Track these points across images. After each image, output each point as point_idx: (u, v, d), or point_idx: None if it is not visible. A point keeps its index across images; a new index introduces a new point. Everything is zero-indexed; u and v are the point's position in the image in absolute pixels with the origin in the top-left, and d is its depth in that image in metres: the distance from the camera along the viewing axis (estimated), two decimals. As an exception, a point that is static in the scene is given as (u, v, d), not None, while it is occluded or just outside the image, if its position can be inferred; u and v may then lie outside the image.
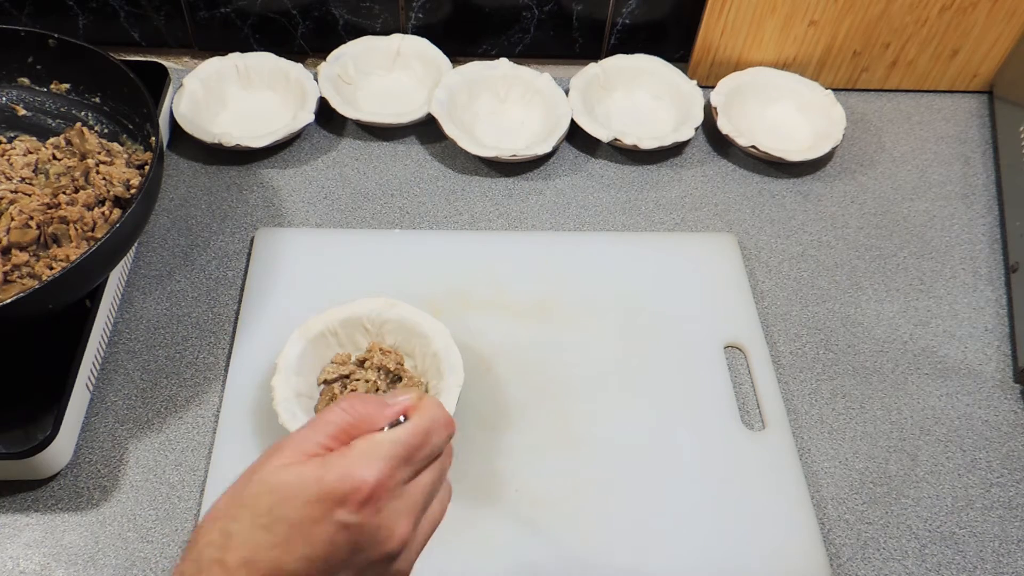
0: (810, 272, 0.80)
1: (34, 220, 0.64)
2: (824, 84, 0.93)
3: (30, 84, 0.75)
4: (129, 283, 0.75)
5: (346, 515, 0.39)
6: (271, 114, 0.88)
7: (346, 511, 0.39)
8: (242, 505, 0.40)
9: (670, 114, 0.91)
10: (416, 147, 0.88)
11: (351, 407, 0.43)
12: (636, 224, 0.83)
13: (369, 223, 0.81)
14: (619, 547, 0.61)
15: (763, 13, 0.89)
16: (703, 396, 0.69)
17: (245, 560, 0.39)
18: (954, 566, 0.63)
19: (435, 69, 0.91)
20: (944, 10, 0.89)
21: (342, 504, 0.39)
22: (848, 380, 0.72)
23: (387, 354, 0.66)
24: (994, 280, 0.81)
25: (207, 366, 0.70)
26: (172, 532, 0.61)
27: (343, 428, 0.42)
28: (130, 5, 0.90)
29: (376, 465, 0.40)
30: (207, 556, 0.39)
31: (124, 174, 0.69)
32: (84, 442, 0.65)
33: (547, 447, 0.65)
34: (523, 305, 0.73)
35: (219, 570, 0.39)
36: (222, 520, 0.40)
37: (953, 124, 0.95)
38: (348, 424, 0.43)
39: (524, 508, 0.62)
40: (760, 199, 0.86)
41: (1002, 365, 0.74)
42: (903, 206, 0.86)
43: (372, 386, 0.64)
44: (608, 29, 0.94)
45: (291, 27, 0.93)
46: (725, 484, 0.64)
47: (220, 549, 0.39)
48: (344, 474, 0.40)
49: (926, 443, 0.69)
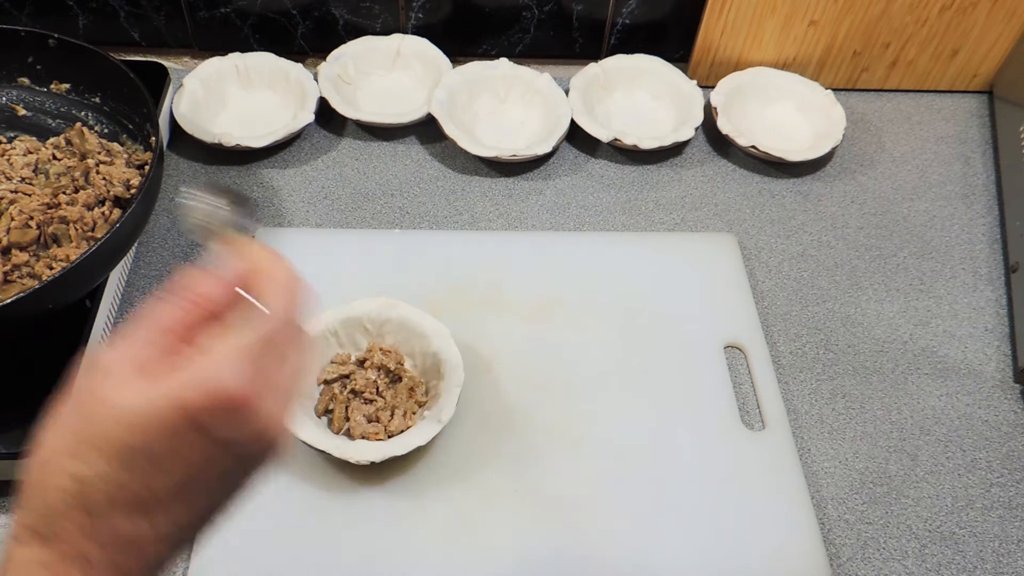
0: (810, 272, 0.80)
1: (34, 220, 0.64)
2: (824, 84, 0.93)
3: (30, 84, 0.75)
4: (129, 283, 0.75)
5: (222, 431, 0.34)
6: (271, 114, 0.88)
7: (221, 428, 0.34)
8: (88, 444, 0.34)
9: (670, 114, 0.91)
10: (416, 147, 0.88)
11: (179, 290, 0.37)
12: (636, 224, 0.83)
13: (369, 223, 0.81)
14: (619, 547, 0.61)
15: (763, 13, 0.89)
16: (703, 396, 0.69)
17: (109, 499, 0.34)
18: (954, 566, 0.63)
19: (435, 69, 0.91)
20: (944, 10, 0.89)
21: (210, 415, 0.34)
22: (848, 380, 0.72)
23: (387, 354, 0.66)
24: (994, 280, 0.80)
25: (207, 366, 0.70)
26: (172, 532, 0.61)
27: (173, 318, 0.36)
28: (130, 5, 0.90)
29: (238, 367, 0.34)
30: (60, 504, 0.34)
31: (124, 174, 0.69)
32: (84, 442, 0.65)
33: (547, 447, 0.65)
34: (523, 305, 0.73)
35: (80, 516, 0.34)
36: (67, 462, 0.34)
37: (953, 124, 0.95)
38: (178, 320, 0.36)
39: (524, 508, 0.62)
40: (760, 199, 0.86)
41: (1002, 365, 0.74)
42: (903, 206, 0.86)
43: (372, 385, 0.64)
44: (608, 29, 0.94)
45: (291, 27, 0.93)
46: (725, 484, 0.64)
47: (76, 496, 0.34)
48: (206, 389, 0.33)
49: (926, 443, 0.69)
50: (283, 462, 0.38)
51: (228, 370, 0.34)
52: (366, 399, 0.64)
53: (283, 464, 0.50)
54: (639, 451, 0.66)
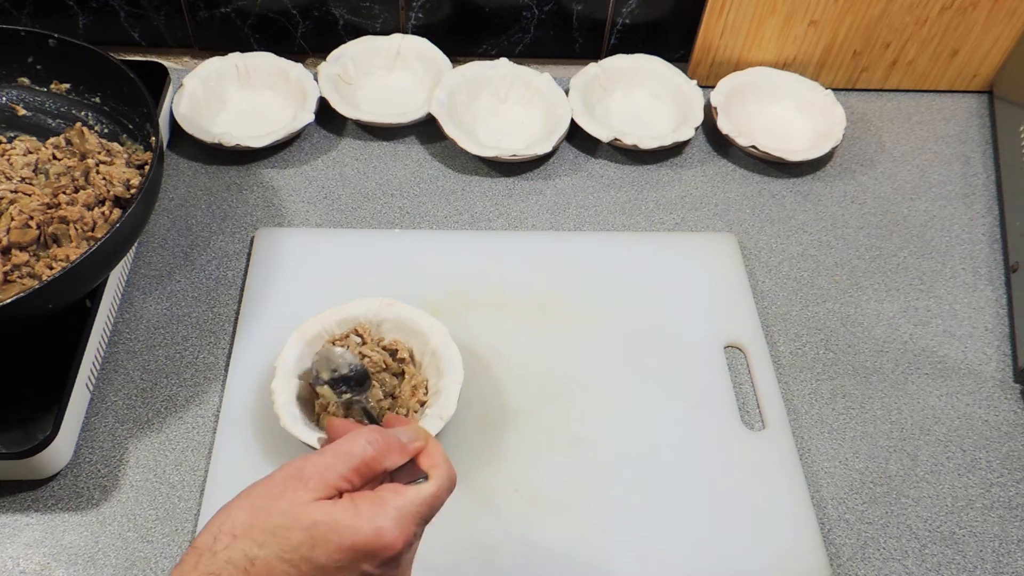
0: (810, 272, 0.80)
1: (34, 220, 0.64)
2: (824, 84, 0.93)
3: (30, 84, 0.75)
4: (129, 283, 0.75)
5: (371, 567, 0.41)
6: (271, 114, 0.88)
7: (372, 564, 0.41)
8: (270, 533, 0.41)
9: (670, 114, 0.91)
10: (416, 147, 0.88)
11: (373, 438, 0.44)
12: (636, 224, 0.83)
13: (369, 223, 0.81)
14: (619, 547, 0.61)
15: (763, 13, 0.89)
16: (703, 396, 0.69)
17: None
18: (954, 566, 0.63)
19: (435, 69, 0.91)
20: (944, 10, 0.89)
21: (371, 558, 0.41)
22: (848, 380, 0.72)
23: (386, 350, 0.66)
24: (994, 280, 0.80)
25: (207, 366, 0.70)
26: (172, 532, 0.61)
27: (365, 462, 0.44)
28: (130, 5, 0.90)
29: (405, 525, 0.42)
30: (227, 575, 0.40)
31: (124, 174, 0.69)
32: (84, 442, 0.65)
33: (547, 447, 0.65)
34: (523, 305, 0.73)
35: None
36: (245, 541, 0.41)
37: (953, 124, 0.95)
38: (370, 459, 0.44)
39: (524, 508, 0.62)
40: (760, 199, 0.86)
41: (1002, 365, 0.74)
42: (903, 206, 0.86)
43: (378, 365, 0.64)
44: (608, 29, 0.94)
45: (291, 27, 0.93)
46: (725, 484, 0.64)
47: (243, 572, 0.40)
48: (377, 529, 0.41)
49: (926, 443, 0.69)
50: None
51: (395, 523, 0.42)
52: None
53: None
54: (639, 451, 0.66)
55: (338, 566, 0.41)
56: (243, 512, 0.42)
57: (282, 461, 0.62)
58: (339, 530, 0.41)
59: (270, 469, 0.44)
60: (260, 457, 0.63)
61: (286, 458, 0.63)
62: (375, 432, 0.45)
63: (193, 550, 0.41)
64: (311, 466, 0.43)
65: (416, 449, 0.46)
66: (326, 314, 0.66)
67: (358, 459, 0.44)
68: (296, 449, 0.62)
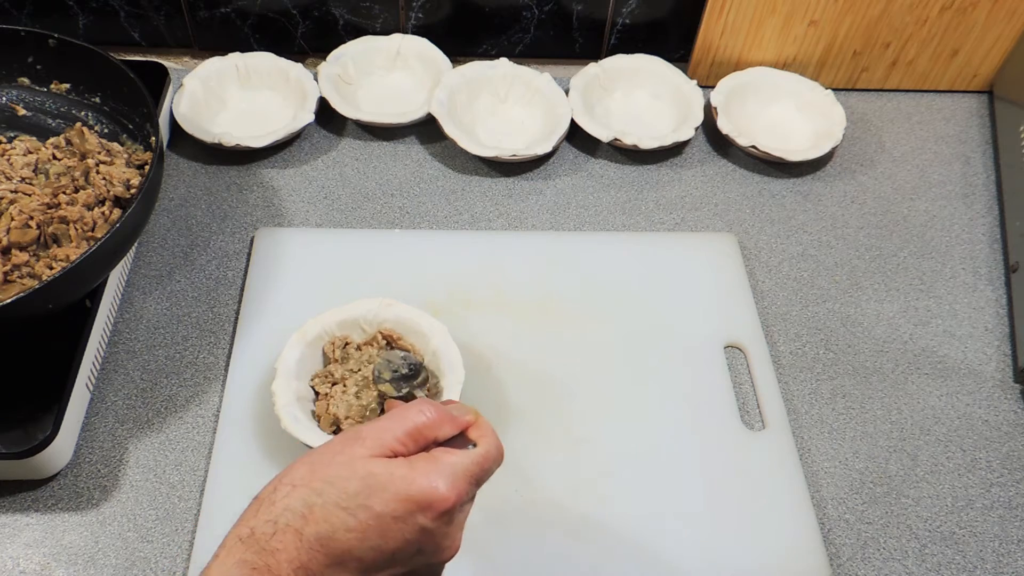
0: (810, 272, 0.80)
1: (34, 220, 0.64)
2: (824, 84, 0.93)
3: (30, 84, 0.75)
4: (129, 283, 0.75)
5: (425, 520, 0.43)
6: (271, 114, 0.88)
7: (427, 517, 0.43)
8: (328, 482, 0.42)
9: (670, 114, 0.91)
10: (416, 147, 0.88)
11: (427, 409, 0.46)
12: (636, 224, 0.83)
13: (369, 223, 0.81)
14: (619, 547, 0.61)
15: (763, 13, 0.89)
16: (703, 396, 0.69)
17: (321, 536, 0.41)
18: (954, 566, 0.63)
19: (435, 69, 0.91)
20: (944, 10, 0.89)
21: (425, 510, 0.42)
22: (848, 380, 0.72)
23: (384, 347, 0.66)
24: (994, 280, 0.80)
25: (207, 366, 0.70)
26: (172, 532, 0.61)
27: (419, 428, 0.45)
28: (130, 5, 0.90)
29: (460, 482, 0.44)
30: (285, 520, 0.41)
31: (124, 174, 0.69)
32: (84, 442, 0.65)
33: (547, 447, 0.65)
34: (523, 305, 0.73)
35: (293, 537, 0.41)
36: (303, 490, 0.42)
37: (953, 124, 0.95)
38: (423, 425, 0.46)
39: (523, 508, 0.62)
40: (760, 199, 0.86)
41: (1002, 365, 0.74)
42: (903, 206, 0.86)
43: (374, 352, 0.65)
44: (608, 29, 0.94)
45: (291, 27, 0.93)
46: (725, 484, 0.64)
47: (300, 518, 0.41)
48: (432, 483, 0.43)
49: (926, 443, 0.69)
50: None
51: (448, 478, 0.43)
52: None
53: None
54: (639, 451, 0.66)
55: (394, 515, 0.42)
56: (303, 467, 0.43)
57: (282, 461, 0.63)
58: (395, 480, 0.42)
59: (270, 469, 0.44)
60: (260, 457, 0.63)
61: (286, 458, 0.63)
62: (429, 404, 0.47)
63: (255, 501, 0.43)
64: (368, 428, 0.45)
65: (467, 422, 0.48)
66: (326, 315, 0.66)
67: (412, 424, 0.45)
68: (297, 450, 0.62)
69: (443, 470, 0.44)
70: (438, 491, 0.43)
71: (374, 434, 0.44)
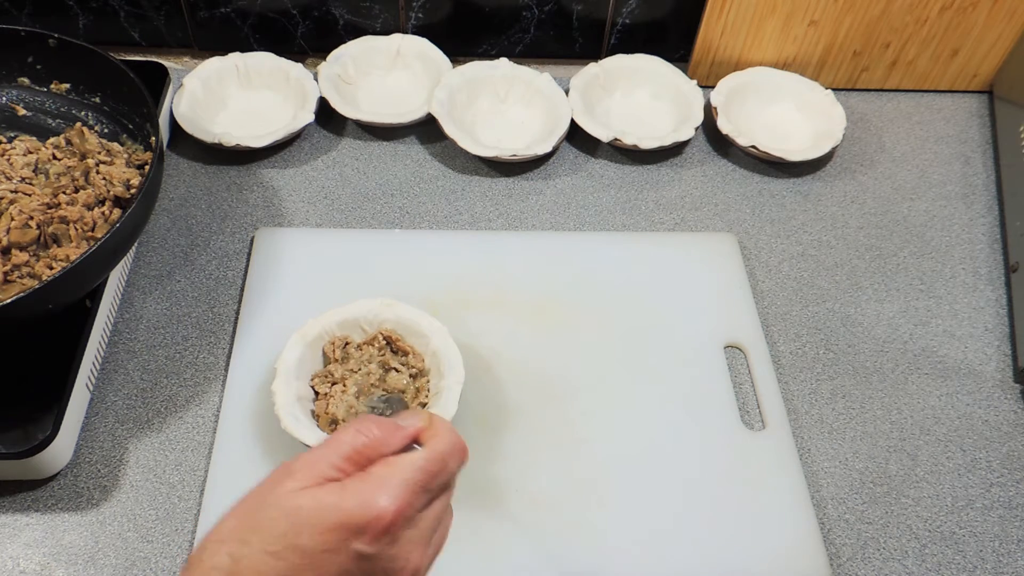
0: (810, 272, 0.80)
1: (34, 220, 0.64)
2: (824, 84, 0.93)
3: (30, 84, 0.75)
4: (129, 283, 0.75)
5: (363, 546, 0.39)
6: (271, 114, 0.88)
7: (363, 542, 0.39)
8: (253, 529, 0.39)
9: (670, 114, 0.91)
10: (416, 147, 0.88)
11: (365, 428, 0.42)
12: (636, 224, 0.83)
13: (369, 223, 0.81)
14: (619, 547, 0.61)
15: (763, 13, 0.89)
16: (703, 396, 0.69)
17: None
18: (954, 566, 0.63)
19: (435, 69, 0.91)
20: (944, 10, 0.89)
21: (360, 534, 0.39)
22: (848, 380, 0.72)
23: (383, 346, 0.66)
24: (994, 280, 0.81)
25: (207, 366, 0.70)
26: (172, 532, 0.61)
27: (357, 450, 0.42)
28: (130, 5, 0.90)
29: (396, 493, 0.40)
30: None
31: (124, 174, 0.69)
32: (84, 442, 0.65)
33: (547, 447, 0.65)
34: (523, 305, 0.73)
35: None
36: (230, 543, 0.39)
37: (953, 124, 0.95)
38: (363, 446, 0.42)
39: (523, 508, 0.62)
40: (760, 199, 0.86)
41: (1002, 365, 0.74)
42: (903, 206, 0.86)
43: (377, 354, 0.65)
44: (608, 29, 0.94)
45: (291, 27, 0.93)
46: (725, 484, 0.64)
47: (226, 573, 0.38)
48: (364, 502, 0.39)
49: (926, 443, 0.69)
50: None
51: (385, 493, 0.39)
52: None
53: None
54: (639, 451, 0.66)
55: (325, 548, 0.38)
56: (230, 518, 0.40)
57: (282, 461, 0.62)
58: (323, 510, 0.39)
59: (270, 469, 0.44)
60: (260, 457, 0.63)
61: (286, 458, 0.63)
62: (368, 421, 0.43)
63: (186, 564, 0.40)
64: (301, 459, 0.42)
65: (417, 429, 0.44)
66: (327, 315, 0.66)
67: (349, 447, 0.41)
68: (297, 449, 0.62)
69: (376, 486, 0.40)
70: (371, 510, 0.39)
71: (306, 466, 0.41)
